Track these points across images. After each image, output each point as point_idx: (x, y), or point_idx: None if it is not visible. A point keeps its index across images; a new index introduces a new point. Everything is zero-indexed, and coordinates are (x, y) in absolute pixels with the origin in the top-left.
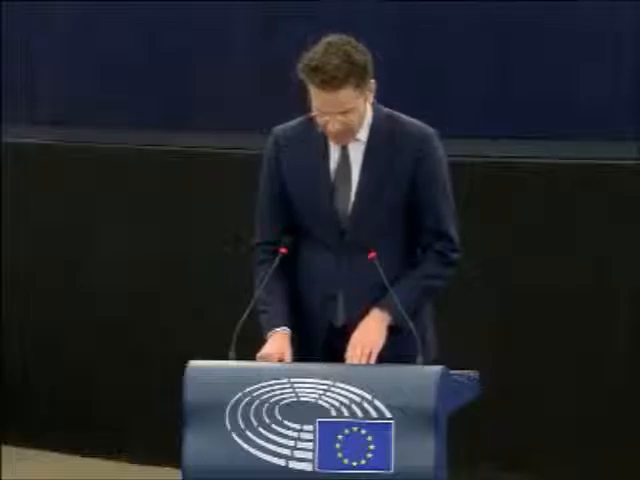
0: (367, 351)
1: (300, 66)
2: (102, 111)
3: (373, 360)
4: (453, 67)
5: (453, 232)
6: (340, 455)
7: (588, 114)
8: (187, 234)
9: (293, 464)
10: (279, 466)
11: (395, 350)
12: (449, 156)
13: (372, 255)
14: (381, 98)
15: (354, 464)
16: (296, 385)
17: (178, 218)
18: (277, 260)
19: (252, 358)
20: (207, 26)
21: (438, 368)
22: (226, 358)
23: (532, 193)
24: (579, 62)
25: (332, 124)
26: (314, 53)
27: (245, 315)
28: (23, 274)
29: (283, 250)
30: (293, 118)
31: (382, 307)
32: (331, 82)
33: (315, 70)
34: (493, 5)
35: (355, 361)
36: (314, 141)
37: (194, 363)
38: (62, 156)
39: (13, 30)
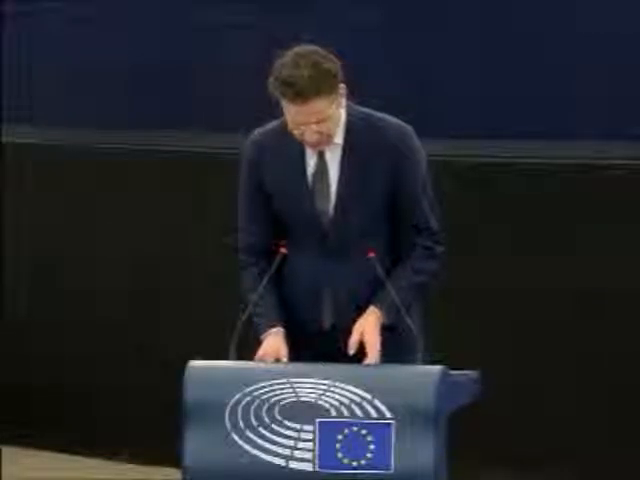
0: (374, 347)
1: (270, 80)
2: (102, 111)
3: (375, 358)
4: (452, 67)
5: (435, 225)
6: (340, 455)
7: (588, 114)
8: (187, 234)
9: (293, 464)
10: (279, 466)
11: (389, 348)
12: (449, 156)
13: (372, 255)
14: (381, 98)
15: (354, 464)
16: (296, 385)
17: (178, 218)
18: (277, 260)
19: (252, 358)
20: (207, 26)
21: (438, 368)
22: (226, 358)
23: (532, 193)
24: (579, 62)
25: (309, 135)
26: (282, 66)
27: (245, 315)
28: (23, 274)
29: (283, 250)
30: None
31: (377, 306)
32: (303, 94)
33: (285, 84)
34: (494, 5)
35: (371, 343)
36: (292, 144)
37: (194, 363)
38: (62, 156)
39: (13, 30)
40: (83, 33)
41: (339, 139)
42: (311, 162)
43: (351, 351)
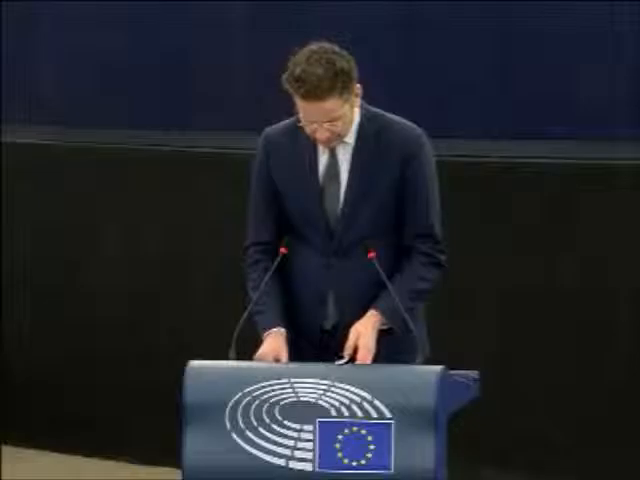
0: (367, 350)
1: (284, 77)
2: (102, 111)
3: (365, 361)
4: (453, 67)
5: (439, 233)
6: (340, 455)
7: (588, 114)
8: (187, 234)
9: (293, 464)
10: (279, 466)
11: (389, 350)
12: (449, 156)
13: (371, 255)
14: (381, 98)
15: (354, 464)
16: (296, 385)
17: (178, 218)
18: (278, 260)
19: (252, 358)
20: (207, 25)
21: (438, 368)
22: (226, 358)
23: (532, 193)
24: (579, 62)
25: (320, 132)
26: (297, 63)
27: (245, 315)
28: (23, 274)
29: (283, 250)
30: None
31: (376, 309)
32: (315, 92)
33: (299, 81)
34: (493, 5)
35: (364, 345)
36: (303, 142)
37: (194, 363)
38: (62, 156)
39: (13, 30)
40: (82, 32)
41: (350, 139)
42: (322, 162)
43: (346, 354)
